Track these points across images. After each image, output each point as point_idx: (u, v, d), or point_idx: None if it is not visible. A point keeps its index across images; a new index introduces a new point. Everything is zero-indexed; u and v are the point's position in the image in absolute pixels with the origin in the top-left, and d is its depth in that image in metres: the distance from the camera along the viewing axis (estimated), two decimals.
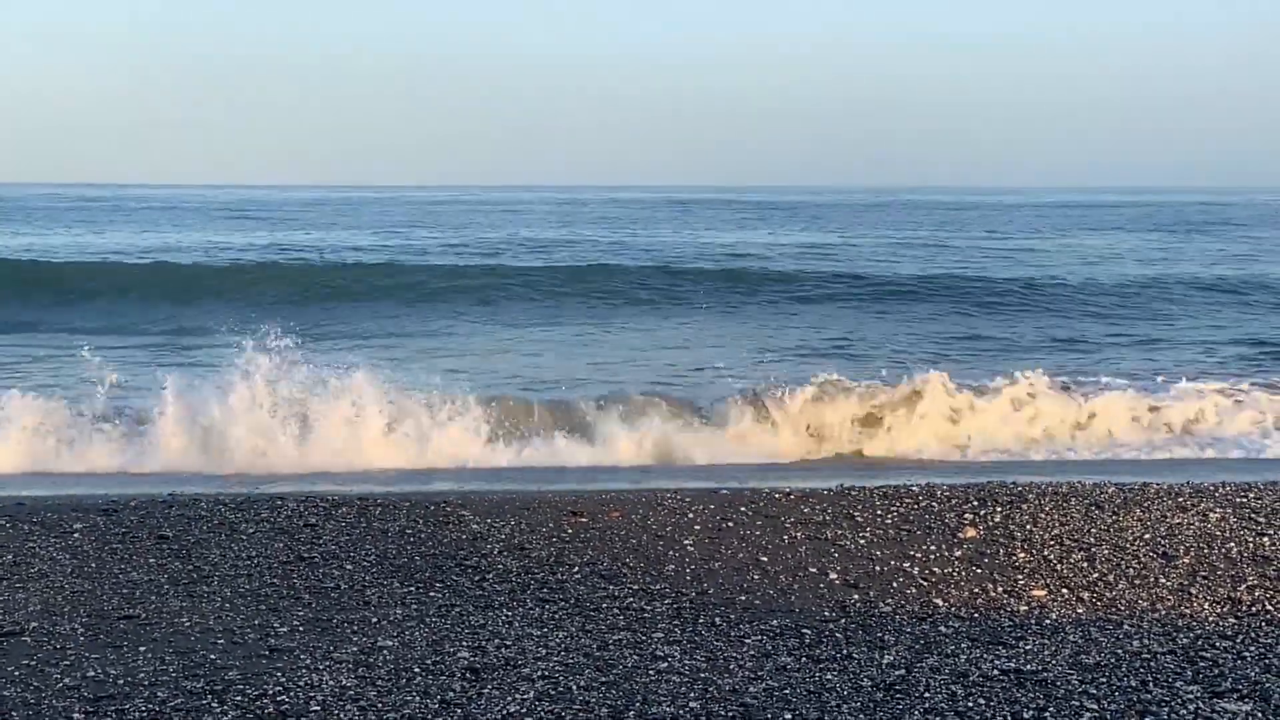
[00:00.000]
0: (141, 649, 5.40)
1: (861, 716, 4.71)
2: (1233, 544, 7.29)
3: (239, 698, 4.83)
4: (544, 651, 5.41)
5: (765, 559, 6.99)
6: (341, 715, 4.68)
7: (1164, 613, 6.07)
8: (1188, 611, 6.10)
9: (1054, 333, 20.30)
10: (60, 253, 30.71)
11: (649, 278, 26.32)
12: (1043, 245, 39.41)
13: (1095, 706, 4.80)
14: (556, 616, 5.94)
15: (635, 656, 5.37)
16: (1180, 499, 8.32)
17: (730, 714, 4.73)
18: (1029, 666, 5.24)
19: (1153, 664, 5.28)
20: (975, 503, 8.13)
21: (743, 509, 7.97)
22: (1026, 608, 6.17)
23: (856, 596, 6.37)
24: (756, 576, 6.69)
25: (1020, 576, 6.69)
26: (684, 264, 29.61)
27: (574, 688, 4.98)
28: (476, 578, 6.57)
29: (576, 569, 6.76)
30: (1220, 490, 8.64)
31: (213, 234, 41.98)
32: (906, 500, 8.22)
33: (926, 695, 4.92)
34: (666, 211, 67.01)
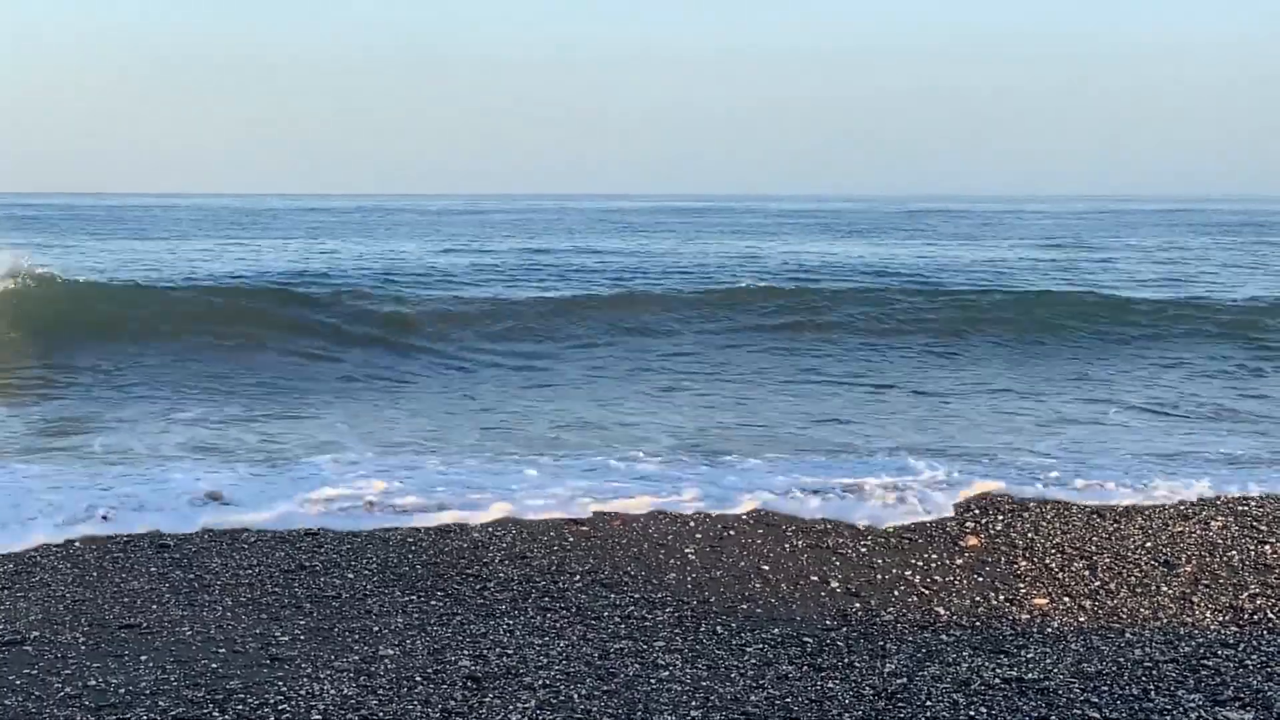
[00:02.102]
0: (143, 658, 5.40)
1: None
2: (1234, 552, 7.29)
3: (240, 707, 4.83)
4: (545, 660, 5.41)
5: (766, 567, 6.99)
6: None
7: (1166, 621, 6.07)
8: (1189, 620, 6.10)
9: None
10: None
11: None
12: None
13: (1097, 715, 4.80)
14: (558, 625, 5.94)
15: (637, 665, 5.37)
16: (1181, 507, 8.32)
17: None
18: (1031, 675, 5.24)
19: (1155, 672, 5.28)
20: (976, 511, 8.13)
21: (744, 517, 7.97)
22: (1028, 616, 6.17)
23: (858, 605, 6.36)
24: (758, 585, 6.69)
25: (1022, 585, 6.69)
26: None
27: (575, 696, 4.98)
28: (478, 586, 6.57)
29: (578, 577, 6.76)
30: (1221, 498, 8.63)
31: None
32: None
33: (928, 704, 4.92)
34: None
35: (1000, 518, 7.96)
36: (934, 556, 7.19)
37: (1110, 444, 10.59)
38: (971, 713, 4.83)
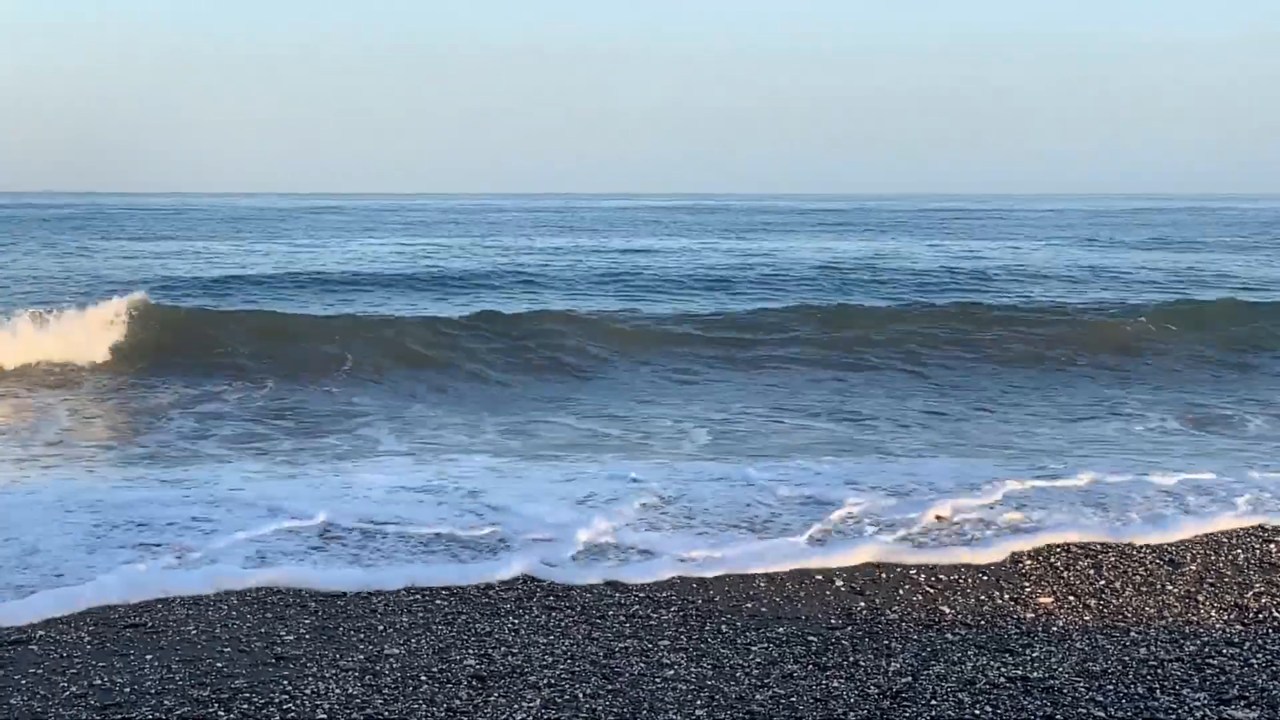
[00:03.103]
0: (148, 657, 5.40)
1: None
2: (1239, 551, 7.28)
3: (245, 706, 4.84)
4: (550, 659, 5.41)
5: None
6: None
7: (1171, 620, 6.07)
8: (1194, 619, 6.09)
9: None
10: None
11: None
12: None
13: (1102, 714, 4.80)
14: (563, 624, 5.94)
15: (641, 664, 5.38)
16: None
17: None
18: (1036, 674, 5.24)
19: (1160, 671, 5.28)
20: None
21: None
22: (1033, 615, 6.16)
23: (862, 604, 6.36)
24: (762, 584, 6.68)
25: (1027, 584, 6.68)
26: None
27: (580, 695, 4.99)
28: (482, 584, 6.56)
29: None
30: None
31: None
32: None
33: (933, 703, 4.92)
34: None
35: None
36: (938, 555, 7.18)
37: None
38: (976, 711, 4.83)
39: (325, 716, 4.75)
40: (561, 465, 9.50)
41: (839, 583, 6.69)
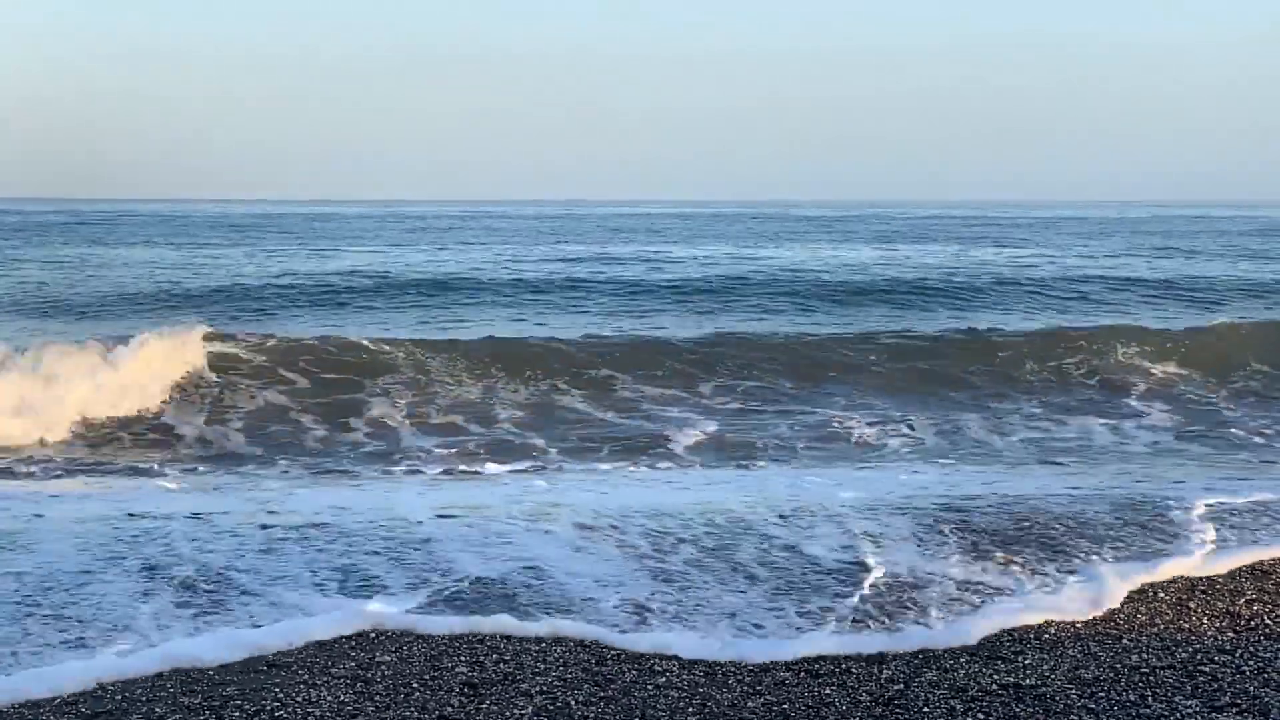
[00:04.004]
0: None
1: None
2: None
3: (236, 713, 4.84)
4: (542, 666, 5.41)
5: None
6: None
7: (1162, 627, 6.07)
8: (1186, 626, 6.09)
9: None
10: None
11: None
12: None
13: None
14: (555, 630, 5.93)
15: (634, 671, 5.37)
16: None
17: None
18: (1027, 681, 5.25)
19: (1151, 678, 5.29)
20: None
21: None
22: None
23: None
24: None
25: None
26: None
27: (572, 703, 4.99)
28: None
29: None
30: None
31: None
32: None
33: (925, 710, 4.93)
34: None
35: None
36: None
37: None
38: (968, 719, 4.84)
39: None
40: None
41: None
